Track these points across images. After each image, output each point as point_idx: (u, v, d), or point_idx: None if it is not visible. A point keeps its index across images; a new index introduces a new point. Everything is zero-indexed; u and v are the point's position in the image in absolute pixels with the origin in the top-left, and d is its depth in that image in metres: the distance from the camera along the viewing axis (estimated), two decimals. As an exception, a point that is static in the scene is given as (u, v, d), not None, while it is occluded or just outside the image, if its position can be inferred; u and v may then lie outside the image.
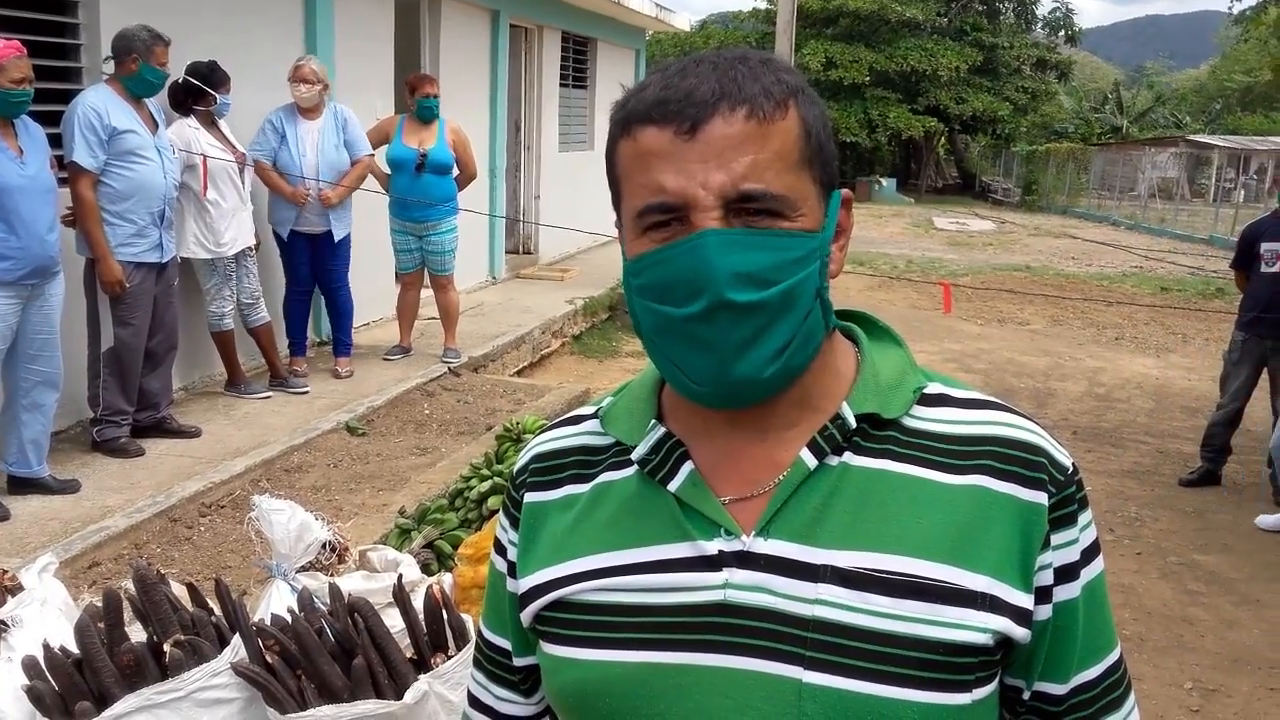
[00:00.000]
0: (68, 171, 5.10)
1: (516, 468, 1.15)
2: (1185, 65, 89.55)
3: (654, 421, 1.04)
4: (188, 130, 5.98)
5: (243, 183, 6.26)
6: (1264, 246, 6.30)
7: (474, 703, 1.21)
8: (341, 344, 7.24)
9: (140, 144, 5.26)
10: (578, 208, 12.68)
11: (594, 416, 1.12)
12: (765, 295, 0.92)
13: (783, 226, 0.93)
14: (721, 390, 0.96)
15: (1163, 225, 25.30)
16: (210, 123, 6.13)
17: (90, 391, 5.37)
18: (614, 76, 14.87)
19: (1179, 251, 20.75)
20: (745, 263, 0.91)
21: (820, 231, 0.97)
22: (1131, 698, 1.05)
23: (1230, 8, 24.01)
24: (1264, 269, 6.27)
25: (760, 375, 0.94)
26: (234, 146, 6.21)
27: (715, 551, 0.97)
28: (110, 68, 5.30)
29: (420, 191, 7.30)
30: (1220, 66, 54.77)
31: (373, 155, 7.14)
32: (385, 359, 7.59)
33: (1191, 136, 32.77)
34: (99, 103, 5.13)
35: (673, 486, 1.01)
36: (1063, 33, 42.24)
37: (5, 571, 2.34)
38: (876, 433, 0.99)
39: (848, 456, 0.98)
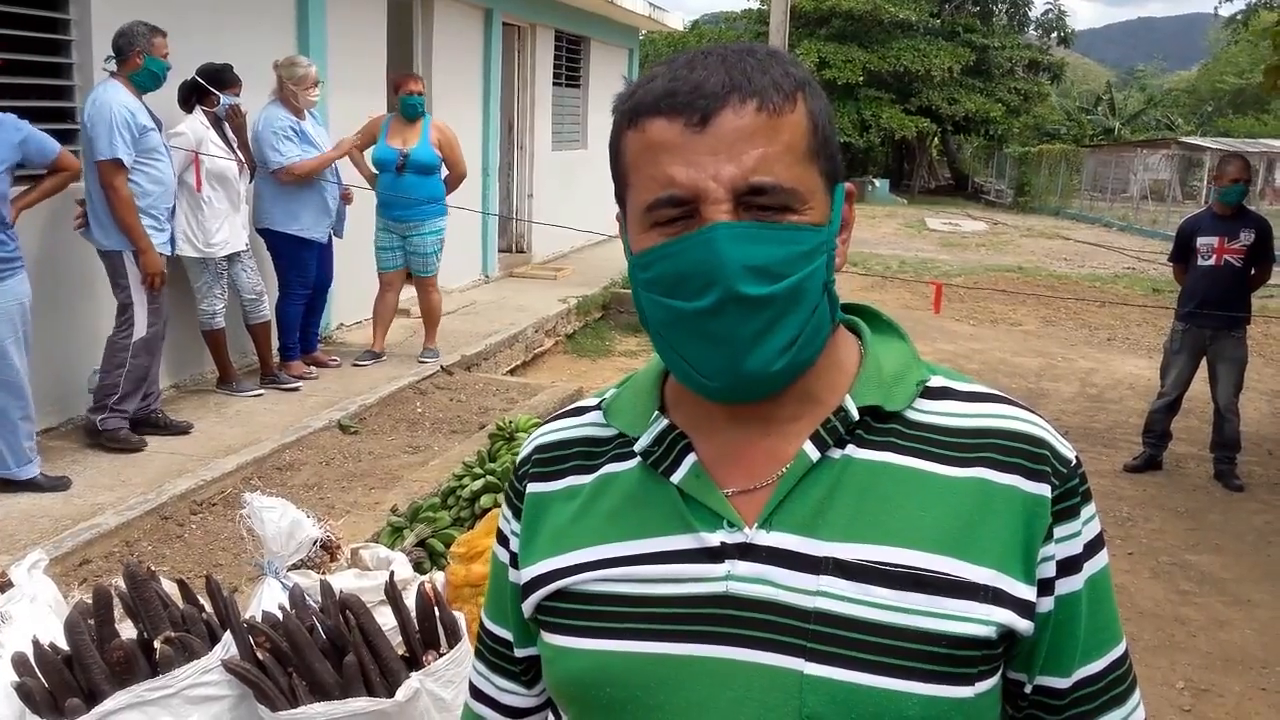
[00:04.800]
0: (102, 169, 5.12)
1: (519, 458, 1.14)
2: (1177, 67, 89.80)
3: (657, 413, 1.04)
4: (199, 128, 6.00)
5: (240, 188, 6.24)
6: (1200, 241, 6.60)
7: (476, 694, 1.21)
8: (315, 339, 7.30)
9: (159, 141, 5.41)
10: (571, 206, 12.68)
11: (597, 408, 1.12)
12: (776, 289, 0.92)
13: (792, 220, 0.93)
14: (731, 384, 0.95)
15: (1155, 226, 25.33)
16: (218, 123, 6.13)
17: (104, 380, 5.36)
18: (607, 75, 14.87)
19: (1166, 257, 20.75)
20: (756, 256, 0.91)
21: (827, 225, 0.97)
22: (1137, 694, 1.04)
23: (1216, 9, 24.05)
24: (1200, 263, 6.57)
25: (770, 369, 0.94)
26: (234, 151, 6.20)
27: (718, 543, 0.97)
28: (112, 66, 5.30)
29: (402, 192, 7.24)
30: (1211, 68, 54.95)
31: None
32: (355, 365, 7.38)
33: (1183, 139, 32.86)
34: (129, 101, 5.21)
35: (675, 478, 1.01)
36: (1055, 34, 42.30)
37: (-6, 568, 2.32)
38: (879, 425, 0.99)
39: (850, 449, 0.98)
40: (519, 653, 1.14)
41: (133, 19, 5.34)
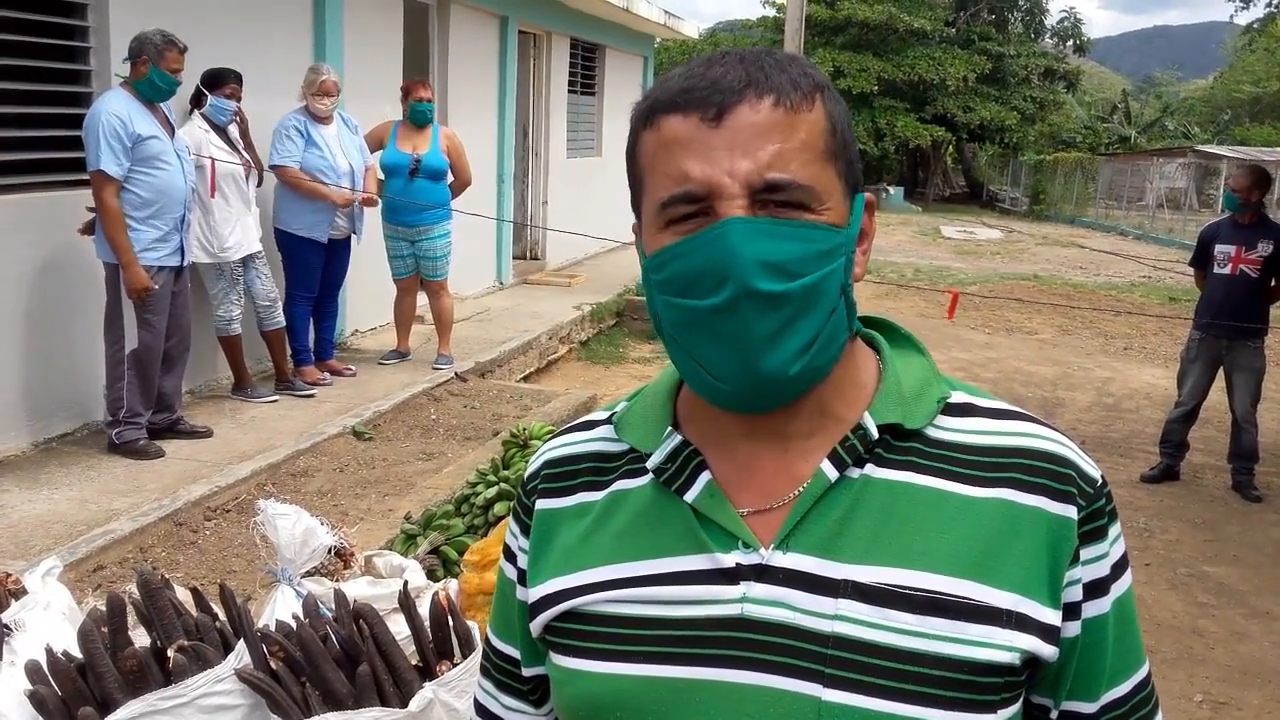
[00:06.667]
0: (92, 179, 5.10)
1: (528, 473, 1.11)
2: (1193, 76, 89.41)
3: (670, 429, 1.01)
4: (198, 132, 6.00)
5: (249, 190, 6.26)
6: (1217, 249, 6.60)
7: (481, 711, 1.18)
8: (331, 346, 7.31)
9: (162, 149, 5.29)
10: (585, 213, 12.70)
11: (607, 422, 1.08)
12: (792, 286, 0.89)
13: (809, 218, 0.91)
14: (746, 387, 0.92)
15: (1171, 235, 25.20)
16: (219, 127, 6.13)
17: (111, 394, 5.36)
18: (622, 83, 14.89)
19: (1187, 262, 20.63)
20: (772, 252, 0.89)
21: (846, 227, 0.94)
22: (1160, 715, 1.02)
23: (1233, 17, 24.04)
24: (1216, 270, 6.55)
25: (786, 372, 0.91)
26: (240, 152, 6.21)
27: (733, 564, 0.94)
28: (126, 70, 5.29)
29: (413, 196, 7.33)
30: (1227, 76, 54.66)
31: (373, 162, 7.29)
32: (381, 363, 7.63)
33: (1200, 147, 32.69)
34: (121, 109, 5.12)
35: (689, 497, 0.98)
36: (1071, 42, 42.13)
37: (9, 575, 2.32)
38: (899, 444, 0.96)
39: (869, 468, 0.95)
40: (527, 671, 1.11)
41: (150, 25, 5.31)
